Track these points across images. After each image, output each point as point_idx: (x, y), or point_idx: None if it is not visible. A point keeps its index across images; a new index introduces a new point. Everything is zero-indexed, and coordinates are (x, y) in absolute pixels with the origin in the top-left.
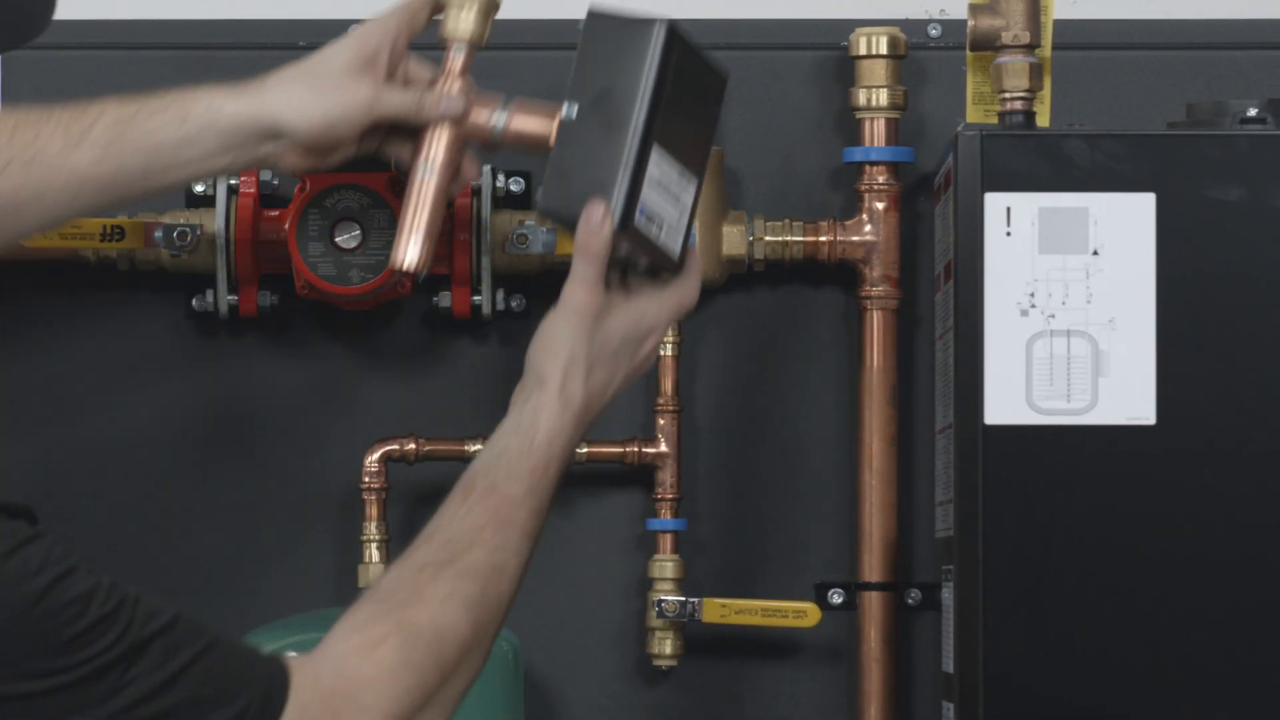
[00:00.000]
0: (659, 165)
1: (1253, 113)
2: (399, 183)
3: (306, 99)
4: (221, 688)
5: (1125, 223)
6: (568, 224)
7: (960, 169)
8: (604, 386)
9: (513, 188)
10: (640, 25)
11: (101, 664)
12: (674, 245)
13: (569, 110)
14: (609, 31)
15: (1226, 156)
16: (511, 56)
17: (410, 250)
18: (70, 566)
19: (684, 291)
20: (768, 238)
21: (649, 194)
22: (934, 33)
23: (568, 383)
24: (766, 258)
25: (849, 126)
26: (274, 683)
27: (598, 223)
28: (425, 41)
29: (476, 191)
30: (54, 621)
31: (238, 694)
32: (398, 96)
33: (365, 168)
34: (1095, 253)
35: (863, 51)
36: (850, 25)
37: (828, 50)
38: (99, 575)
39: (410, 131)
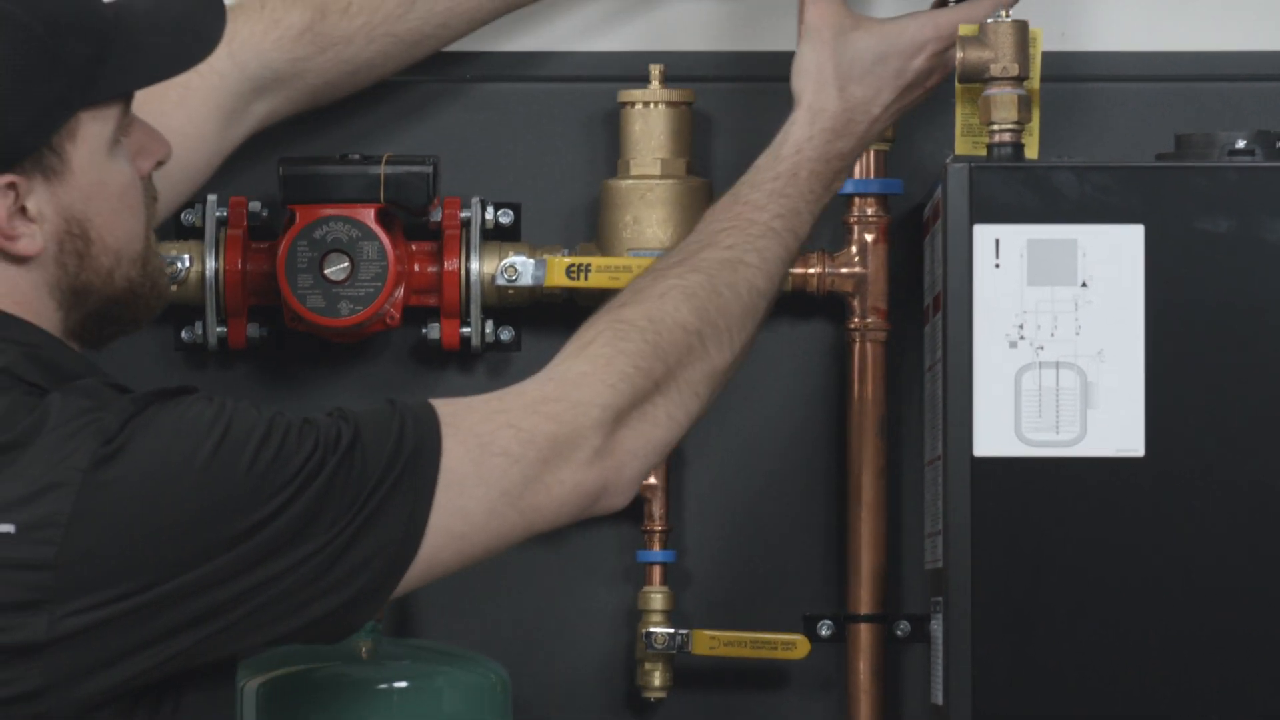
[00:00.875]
0: None
1: (1241, 144)
2: (388, 214)
3: None
4: (380, 436)
5: (1114, 254)
6: None
7: (949, 201)
8: (867, 101)
9: (502, 219)
10: None
11: (311, 469)
12: None
13: None
14: None
15: (1215, 188)
16: None
17: None
18: (236, 409)
19: (960, 10)
20: None
21: None
22: None
23: (816, 97)
24: None
25: None
26: (422, 415)
27: None
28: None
29: (465, 223)
30: (248, 452)
31: (388, 429)
32: None
33: (355, 199)
34: (1084, 284)
35: None
36: None
37: None
38: (269, 409)
39: None
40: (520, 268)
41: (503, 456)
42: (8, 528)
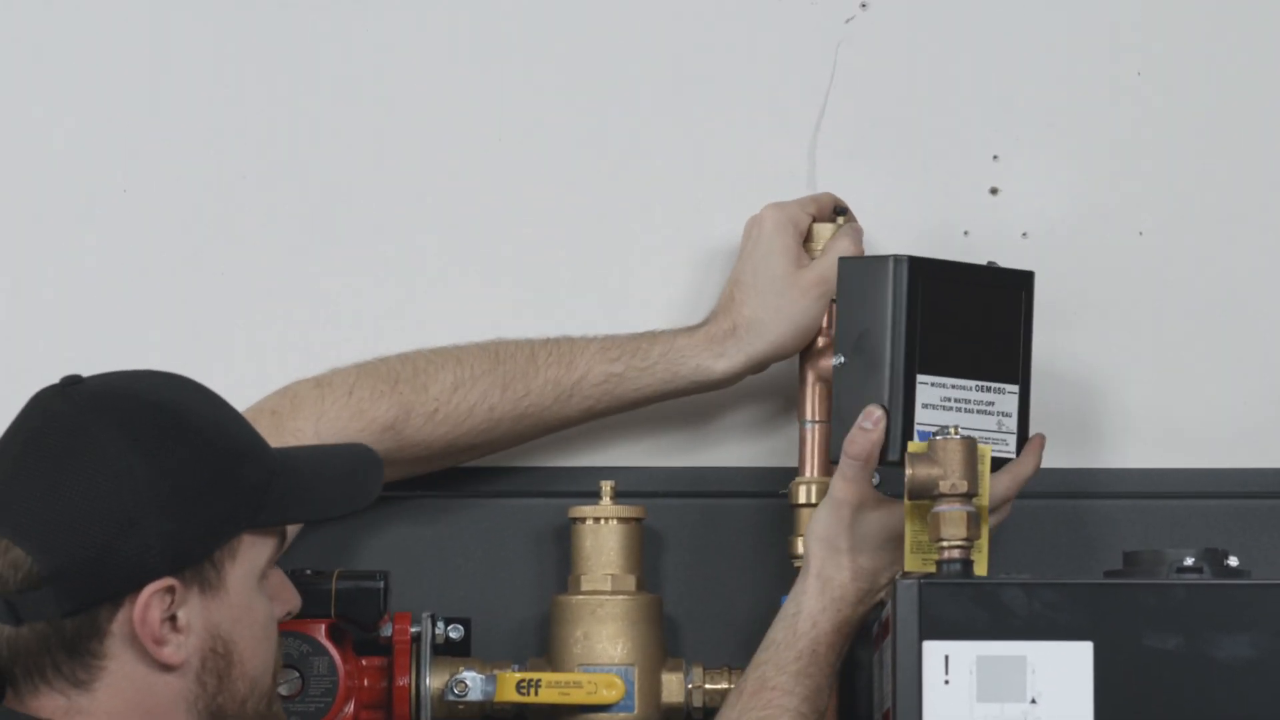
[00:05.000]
0: (931, 391)
1: (1189, 562)
2: (339, 629)
3: (783, 328)
4: None
5: (1063, 671)
6: None
7: (898, 617)
8: (874, 571)
9: (452, 635)
10: (879, 263)
11: None
12: (999, 454)
13: (837, 359)
14: (857, 276)
15: (1164, 605)
16: None
17: None
18: None
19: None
20: (707, 685)
21: (927, 417)
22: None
23: (825, 566)
24: (706, 705)
25: (788, 572)
26: None
27: (869, 425)
28: None
29: (416, 638)
30: None
31: None
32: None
33: (306, 615)
34: (1033, 701)
35: (802, 500)
36: (790, 473)
37: (767, 498)
38: None
39: None
40: (470, 683)
41: None
42: None
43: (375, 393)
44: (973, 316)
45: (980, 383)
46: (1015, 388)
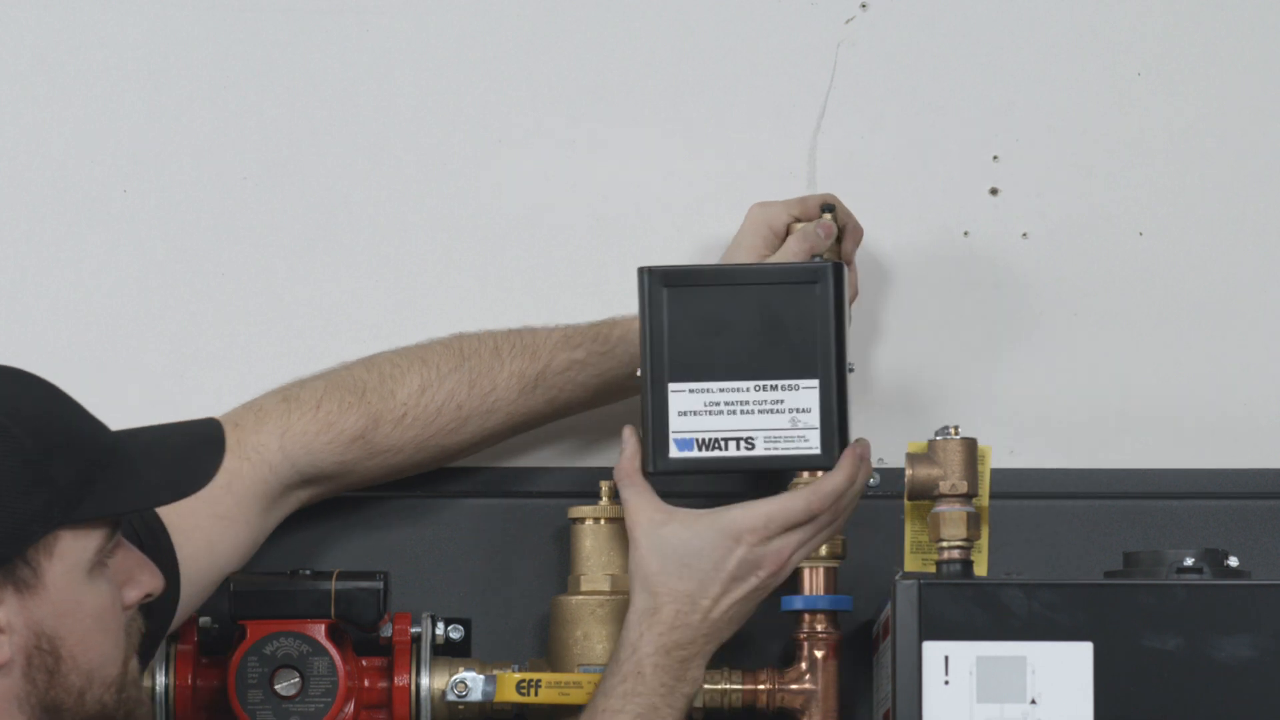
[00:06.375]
0: (690, 398)
1: (1189, 562)
2: (338, 630)
3: None
4: None
5: (1063, 672)
6: None
7: (898, 617)
8: (692, 594)
9: (452, 635)
10: (638, 276)
11: None
12: (799, 450)
13: (638, 372)
14: (638, 288)
15: (1163, 606)
16: None
17: None
18: None
19: (782, 500)
20: (707, 685)
21: (688, 424)
22: (872, 482)
23: (640, 596)
24: (705, 705)
25: None
26: None
27: (623, 447)
28: None
29: (416, 639)
30: None
31: None
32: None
33: (305, 615)
34: (1033, 702)
35: None
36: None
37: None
38: None
39: None
40: (470, 684)
41: None
42: None
43: (343, 405)
44: (751, 317)
45: (761, 382)
46: (815, 381)
